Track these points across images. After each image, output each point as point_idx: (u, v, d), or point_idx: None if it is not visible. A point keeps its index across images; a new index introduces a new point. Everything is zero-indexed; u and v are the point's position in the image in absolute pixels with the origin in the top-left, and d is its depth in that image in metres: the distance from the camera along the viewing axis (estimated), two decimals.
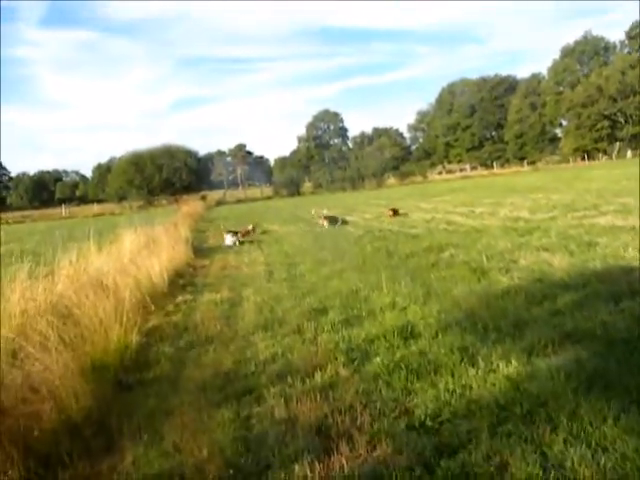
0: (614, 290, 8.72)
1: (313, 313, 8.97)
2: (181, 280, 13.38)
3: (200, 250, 19.82)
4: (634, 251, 11.69)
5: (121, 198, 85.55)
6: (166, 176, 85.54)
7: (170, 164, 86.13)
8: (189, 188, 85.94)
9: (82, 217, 74.77)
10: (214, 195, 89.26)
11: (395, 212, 26.89)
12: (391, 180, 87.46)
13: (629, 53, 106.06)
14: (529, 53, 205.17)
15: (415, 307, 8.71)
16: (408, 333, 7.52)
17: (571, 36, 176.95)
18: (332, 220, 25.62)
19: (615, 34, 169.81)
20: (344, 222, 25.82)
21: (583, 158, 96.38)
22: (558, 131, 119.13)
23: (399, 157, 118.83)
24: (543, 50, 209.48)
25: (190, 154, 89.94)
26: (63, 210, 79.50)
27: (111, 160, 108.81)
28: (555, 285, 9.54)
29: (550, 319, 7.64)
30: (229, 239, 21.99)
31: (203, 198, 78.38)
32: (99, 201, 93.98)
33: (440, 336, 7.30)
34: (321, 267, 13.69)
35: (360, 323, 8.21)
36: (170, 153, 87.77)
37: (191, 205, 51.34)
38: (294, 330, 8.13)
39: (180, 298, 11.06)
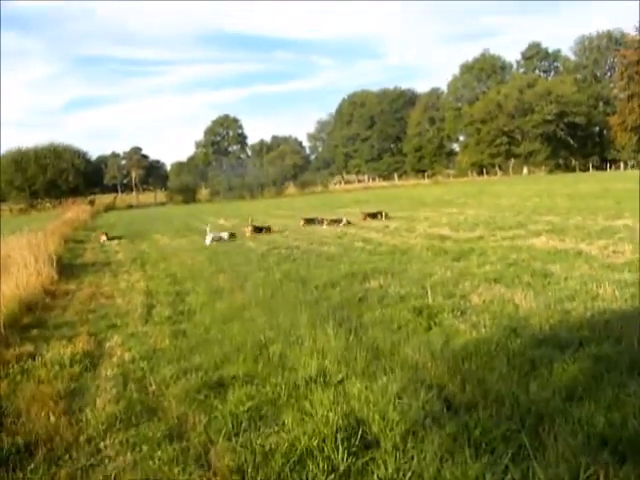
0: (629, 352, 6.26)
1: (204, 391, 5.91)
2: (27, 317, 9.93)
3: (69, 268, 16.28)
4: (607, 286, 9.40)
5: (0, 200, 78.51)
6: (51, 177, 78.75)
7: (56, 164, 79.48)
8: (77, 191, 79.84)
9: None
10: (104, 199, 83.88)
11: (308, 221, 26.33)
12: (291, 189, 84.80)
13: (524, 73, 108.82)
14: (425, 69, 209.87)
15: (356, 381, 5.84)
16: (357, 441, 4.66)
17: (464, 55, 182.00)
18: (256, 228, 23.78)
19: (510, 55, 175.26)
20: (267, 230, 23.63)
21: (480, 173, 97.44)
22: (455, 145, 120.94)
23: (299, 166, 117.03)
24: (438, 67, 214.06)
25: (78, 154, 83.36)
26: None
27: None
28: (539, 341, 6.98)
29: (570, 411, 4.99)
30: (209, 239, 21.42)
31: (91, 203, 73.03)
32: None
33: (413, 449, 4.49)
34: (217, 299, 10.64)
35: (277, 416, 5.25)
36: (56, 153, 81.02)
37: (76, 210, 46.79)
38: (171, 431, 5.06)
39: (12, 352, 7.68)
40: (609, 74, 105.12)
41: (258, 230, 23.58)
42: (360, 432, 4.77)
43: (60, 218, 35.03)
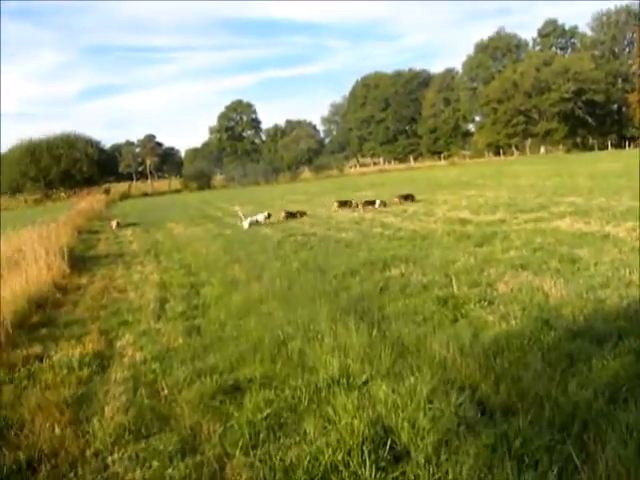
0: None
1: (219, 396, 5.53)
2: (36, 315, 9.58)
3: (82, 261, 15.97)
4: None
5: (15, 191, 78.48)
6: (65, 167, 78.48)
7: (69, 154, 79.20)
8: (91, 180, 79.63)
9: None
10: (119, 188, 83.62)
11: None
12: (306, 173, 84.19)
13: (541, 51, 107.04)
14: (439, 50, 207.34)
15: (382, 383, 5.44)
16: (386, 453, 4.27)
17: (480, 34, 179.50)
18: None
19: (525, 33, 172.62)
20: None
21: (496, 153, 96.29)
22: (471, 126, 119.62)
23: (314, 150, 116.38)
24: (453, 48, 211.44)
25: (91, 144, 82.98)
26: None
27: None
28: (574, 334, 6.55)
29: (616, 416, 4.58)
30: (246, 223, 21.52)
31: (106, 191, 72.86)
32: None
33: (447, 462, 4.09)
34: (233, 292, 10.25)
35: (298, 424, 4.86)
36: (69, 143, 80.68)
37: (90, 200, 46.59)
38: (184, 444, 4.68)
39: (19, 354, 7.32)
40: (628, 50, 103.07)
41: (292, 215, 23.48)
42: (389, 442, 4.38)
43: (74, 208, 34.77)
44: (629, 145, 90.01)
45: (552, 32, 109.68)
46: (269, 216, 22.59)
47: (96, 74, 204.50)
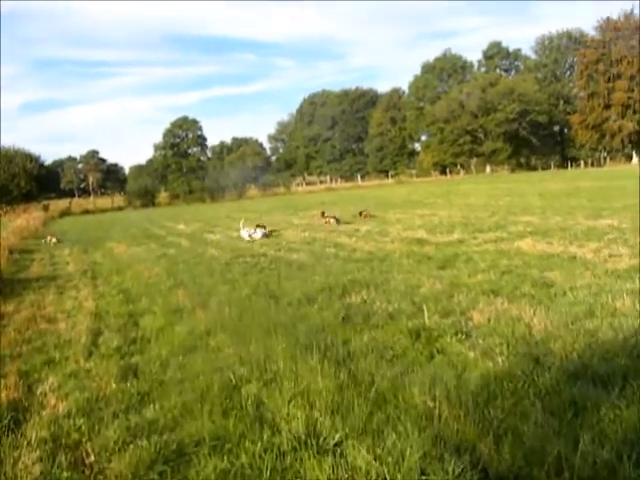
0: None
1: (158, 467, 4.40)
2: None
3: (10, 285, 14.53)
4: (625, 298, 8.25)
5: None
6: (2, 182, 75.70)
7: (6, 169, 76.35)
8: (30, 196, 76.82)
9: None
10: (60, 204, 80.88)
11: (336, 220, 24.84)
12: (253, 191, 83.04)
13: (486, 72, 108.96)
14: (386, 70, 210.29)
15: (359, 444, 4.47)
16: None
17: (426, 55, 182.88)
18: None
19: (470, 55, 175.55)
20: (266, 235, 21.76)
21: (442, 172, 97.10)
22: (417, 145, 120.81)
23: (260, 167, 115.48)
24: (400, 68, 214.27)
25: (31, 158, 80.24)
26: None
27: None
28: (571, 375, 5.73)
29: None
30: (245, 233, 21.29)
31: (45, 208, 70.18)
32: None
33: None
34: (176, 322, 9.14)
35: None
36: (7, 157, 77.79)
37: (26, 217, 44.44)
38: None
39: None
40: (569, 73, 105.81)
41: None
42: None
43: (9, 226, 32.85)
44: (571, 165, 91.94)
45: (497, 54, 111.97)
46: (268, 233, 22.03)
47: (39, 87, 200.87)
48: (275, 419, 5.15)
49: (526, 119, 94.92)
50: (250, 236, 21.17)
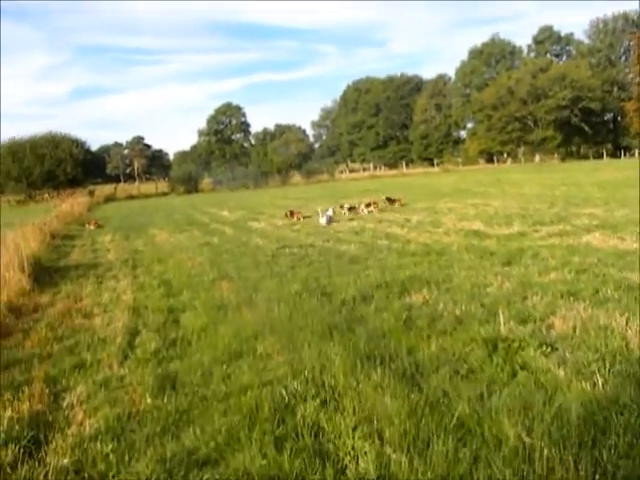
0: None
1: None
2: None
3: (49, 273, 13.95)
4: None
5: None
6: (49, 167, 76.07)
7: (53, 154, 76.78)
8: (76, 181, 77.31)
9: None
10: (105, 190, 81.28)
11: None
12: (296, 178, 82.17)
13: (536, 57, 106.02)
14: (430, 56, 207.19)
15: None
16: None
17: (472, 41, 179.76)
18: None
19: (519, 40, 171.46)
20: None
21: (489, 160, 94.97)
22: (462, 133, 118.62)
23: (303, 154, 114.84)
24: (444, 54, 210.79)
25: (77, 144, 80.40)
26: None
27: None
28: None
29: None
30: (324, 219, 20.86)
31: (91, 193, 70.58)
32: None
33: None
34: (220, 321, 8.31)
35: None
36: (54, 143, 78.14)
37: (72, 202, 44.37)
38: None
39: None
40: (624, 58, 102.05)
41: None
42: None
43: (53, 211, 32.62)
44: (624, 154, 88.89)
45: (547, 39, 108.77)
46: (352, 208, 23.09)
47: (86, 75, 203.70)
48: (338, 453, 4.29)
49: (578, 106, 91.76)
50: (330, 220, 20.90)
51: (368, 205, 25.00)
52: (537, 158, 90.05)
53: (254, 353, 6.76)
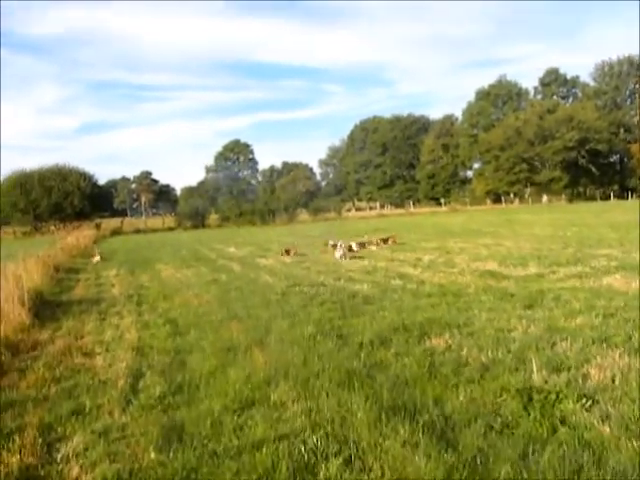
0: None
1: None
2: None
3: (50, 308, 13.50)
4: None
5: (3, 223, 75.82)
6: (56, 200, 76.05)
7: (61, 187, 76.78)
8: (83, 214, 77.18)
9: None
10: (112, 223, 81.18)
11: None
12: (304, 215, 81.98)
13: (542, 99, 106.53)
14: (437, 97, 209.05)
15: None
16: None
17: (477, 83, 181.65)
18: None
19: (525, 82, 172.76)
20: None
21: (495, 200, 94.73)
22: (469, 173, 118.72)
23: (310, 192, 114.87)
24: (451, 95, 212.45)
25: (84, 177, 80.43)
26: None
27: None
28: None
29: None
30: (338, 252, 21.55)
31: (97, 226, 70.44)
32: None
33: None
34: (229, 364, 7.79)
35: None
36: (61, 175, 78.20)
37: (77, 234, 44.05)
38: None
39: None
40: (630, 100, 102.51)
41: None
42: None
43: (58, 244, 32.22)
44: (631, 196, 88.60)
45: (554, 81, 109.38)
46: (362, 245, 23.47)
47: (95, 110, 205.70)
48: None
49: (585, 147, 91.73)
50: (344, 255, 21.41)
51: (362, 245, 25.57)
52: (544, 199, 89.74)
53: (268, 401, 6.24)
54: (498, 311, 10.33)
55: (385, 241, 26.98)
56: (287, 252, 23.79)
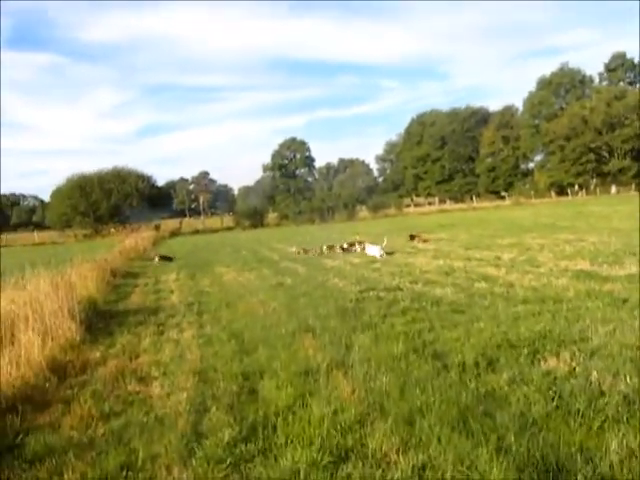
0: None
1: None
2: None
3: (105, 318, 12.50)
4: None
5: (65, 226, 76.78)
6: (115, 202, 76.56)
7: (120, 189, 77.25)
8: (141, 216, 77.60)
9: (20, 245, 66.39)
10: (170, 224, 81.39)
11: None
12: (364, 212, 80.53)
13: (609, 85, 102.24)
14: (493, 89, 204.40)
15: None
16: None
17: (533, 73, 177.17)
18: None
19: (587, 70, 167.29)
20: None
21: (560, 193, 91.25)
22: (531, 165, 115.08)
23: (369, 188, 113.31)
24: (506, 86, 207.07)
25: (143, 179, 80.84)
26: None
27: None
28: None
29: None
30: (375, 251, 22.12)
31: (157, 228, 70.57)
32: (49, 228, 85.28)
33: None
34: (311, 393, 6.49)
35: None
36: (121, 177, 78.65)
37: (136, 237, 43.65)
38: None
39: None
40: None
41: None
42: None
43: (116, 247, 31.63)
44: None
45: (620, 66, 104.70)
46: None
47: (153, 112, 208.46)
48: None
49: None
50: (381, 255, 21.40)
51: None
52: (613, 189, 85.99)
53: (365, 451, 4.91)
54: (615, 321, 8.77)
55: (412, 238, 28.07)
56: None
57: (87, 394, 7.08)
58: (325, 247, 26.23)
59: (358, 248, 25.13)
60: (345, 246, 26.12)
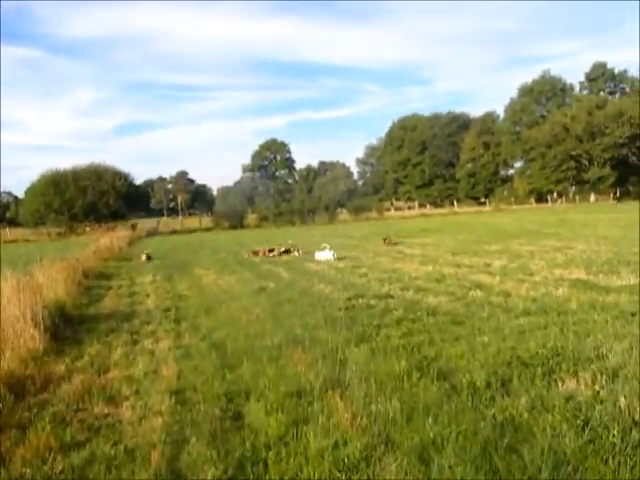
0: None
1: None
2: None
3: (73, 325, 11.57)
4: None
5: (39, 223, 74.83)
6: (90, 200, 74.69)
7: (96, 186, 75.31)
8: (118, 214, 76.06)
9: None
10: (148, 223, 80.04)
11: None
12: (344, 215, 79.96)
13: (589, 94, 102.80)
14: (472, 95, 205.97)
15: None
16: None
17: (513, 80, 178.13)
18: None
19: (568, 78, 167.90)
20: None
21: (539, 200, 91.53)
22: (511, 171, 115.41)
23: (349, 191, 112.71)
24: (488, 93, 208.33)
25: (120, 176, 78.90)
26: None
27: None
28: None
29: None
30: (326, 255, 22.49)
31: (133, 227, 69.31)
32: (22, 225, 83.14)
33: None
34: (305, 419, 5.70)
35: None
36: (96, 174, 76.64)
37: (112, 236, 42.44)
38: None
39: None
40: None
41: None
42: None
43: (91, 246, 30.52)
44: None
45: (601, 76, 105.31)
46: None
47: (132, 110, 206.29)
48: None
49: (636, 144, 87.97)
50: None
51: None
52: (592, 198, 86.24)
53: None
54: (629, 337, 8.09)
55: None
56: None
57: (47, 418, 6.14)
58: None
59: (296, 253, 26.00)
60: (282, 250, 26.61)
